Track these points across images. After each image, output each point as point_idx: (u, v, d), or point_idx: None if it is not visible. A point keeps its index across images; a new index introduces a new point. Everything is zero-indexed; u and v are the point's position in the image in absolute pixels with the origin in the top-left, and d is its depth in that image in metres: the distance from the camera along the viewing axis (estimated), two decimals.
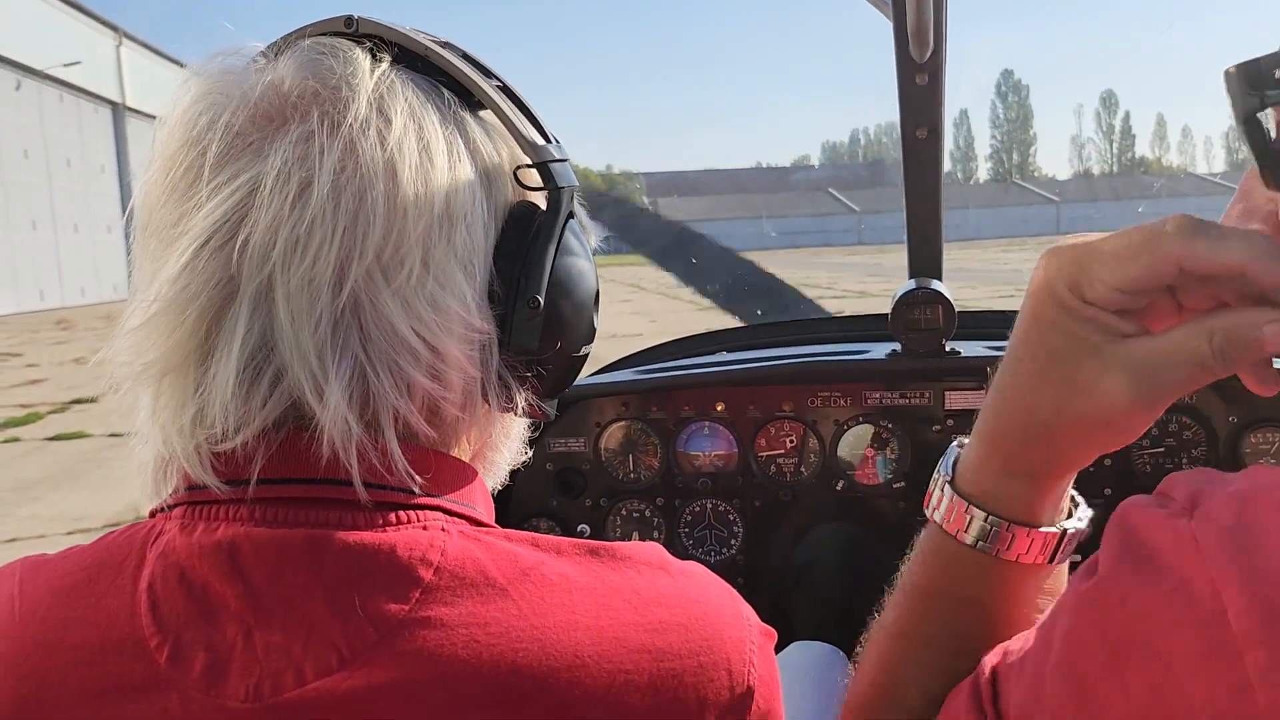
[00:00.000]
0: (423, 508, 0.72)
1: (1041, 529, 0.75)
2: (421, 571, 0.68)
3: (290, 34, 0.78)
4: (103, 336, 0.75)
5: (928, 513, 0.82)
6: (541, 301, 0.77)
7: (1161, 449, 1.78)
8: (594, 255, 0.86)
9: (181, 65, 0.77)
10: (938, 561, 0.80)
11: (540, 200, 0.80)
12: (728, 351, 2.16)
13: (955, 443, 0.83)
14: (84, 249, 36.42)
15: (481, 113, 0.81)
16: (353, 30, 0.77)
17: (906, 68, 1.60)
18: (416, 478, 0.72)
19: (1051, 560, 0.76)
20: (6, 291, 31.03)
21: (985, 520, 0.76)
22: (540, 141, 0.80)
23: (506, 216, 0.78)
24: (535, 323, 0.77)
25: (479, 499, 0.79)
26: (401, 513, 0.71)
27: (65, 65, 33.24)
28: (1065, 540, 0.76)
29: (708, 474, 1.91)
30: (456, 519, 0.74)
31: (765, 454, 1.90)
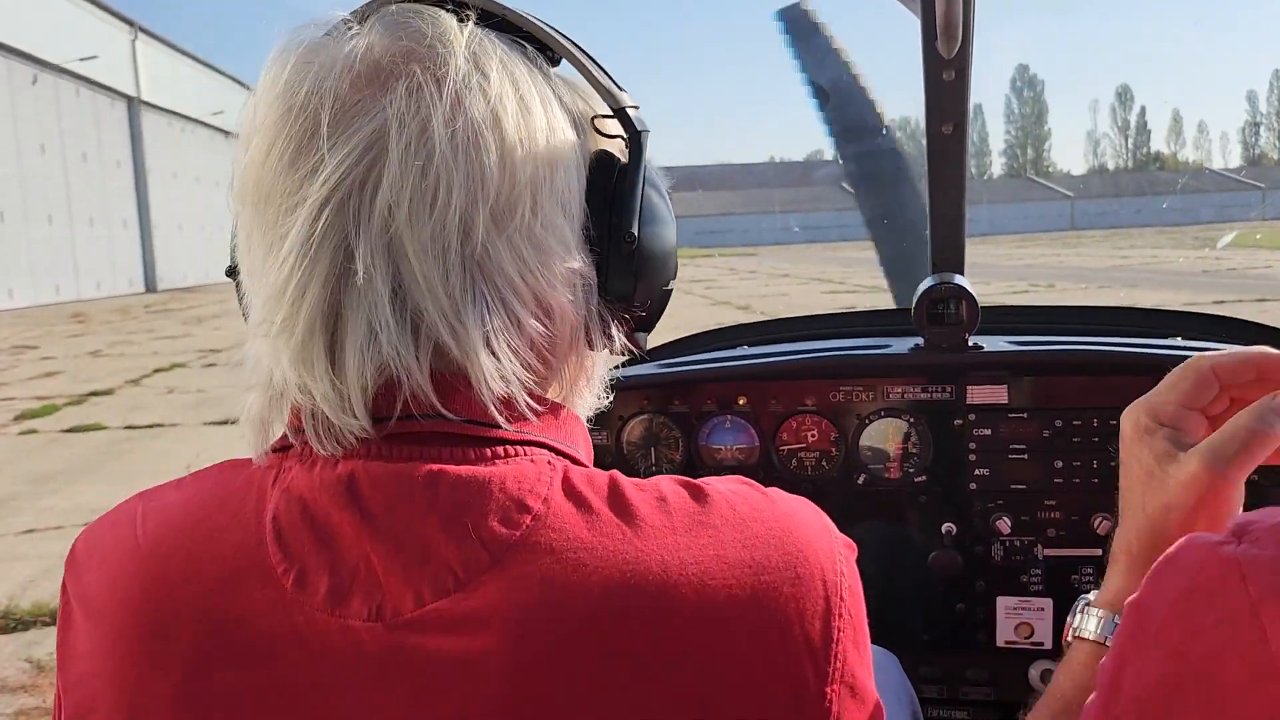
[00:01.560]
0: (531, 444, 0.75)
1: None
2: (531, 500, 0.71)
3: (369, 4, 0.80)
4: (117, 330, 0.76)
5: (1076, 634, 0.89)
6: (637, 237, 0.80)
7: None
8: None
9: (197, 59, 0.77)
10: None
11: (615, 149, 0.83)
12: (749, 345, 2.17)
13: (1080, 600, 0.92)
14: (100, 243, 36.61)
15: (554, 70, 0.83)
16: None
17: (934, 63, 1.60)
18: (535, 408, 0.75)
19: None
20: (23, 285, 31.23)
21: None
22: (616, 90, 0.83)
23: (592, 161, 0.82)
24: (631, 259, 0.81)
25: (580, 441, 0.82)
26: (511, 448, 0.74)
27: (82, 59, 33.42)
28: None
29: (729, 467, 1.91)
30: (560, 457, 0.76)
31: (787, 448, 1.90)
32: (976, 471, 1.84)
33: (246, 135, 0.76)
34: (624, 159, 0.83)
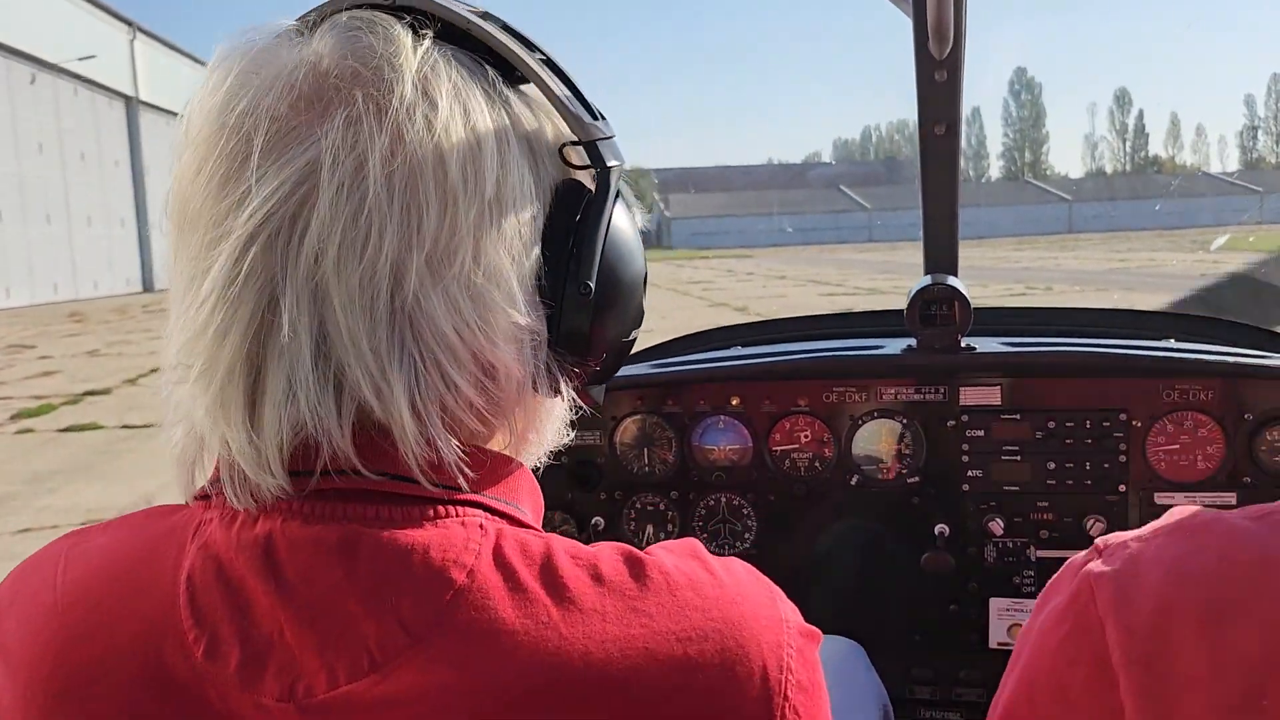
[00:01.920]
0: (464, 504, 0.70)
1: None
2: (454, 573, 0.65)
3: (324, 6, 0.74)
4: (115, 329, 0.73)
5: None
6: (593, 287, 0.73)
7: (1177, 446, 1.78)
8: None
9: (195, 59, 0.74)
10: None
11: (586, 178, 0.76)
12: (742, 346, 2.17)
13: None
14: (97, 242, 36.57)
15: (525, 87, 0.76)
16: (390, 3, 0.72)
17: (926, 64, 1.61)
18: (466, 474, 0.69)
19: None
20: (21, 284, 31.19)
21: None
22: (587, 118, 0.75)
23: (553, 197, 0.74)
24: (586, 309, 0.73)
25: (524, 497, 0.76)
26: (441, 508, 0.69)
27: (80, 59, 33.37)
28: None
29: (722, 468, 1.91)
30: (497, 518, 0.71)
31: (780, 448, 1.90)
32: (969, 473, 1.84)
33: (180, 145, 0.71)
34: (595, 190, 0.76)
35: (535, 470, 0.82)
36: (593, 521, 1.93)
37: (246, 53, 0.70)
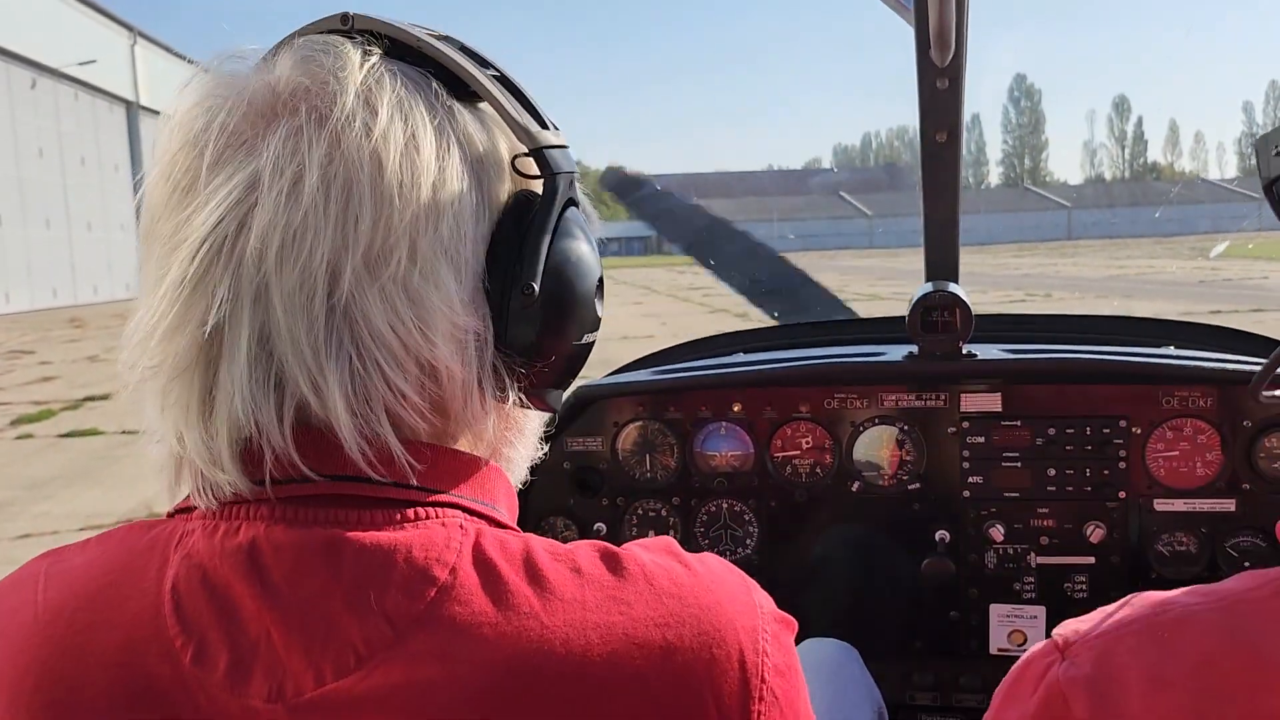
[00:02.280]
0: (442, 505, 0.72)
1: None
2: (437, 571, 0.68)
3: (291, 34, 0.79)
4: (115, 334, 0.74)
5: None
6: (537, 289, 0.74)
7: (1177, 453, 1.78)
8: (604, 254, 0.84)
9: (196, 64, 0.77)
10: None
11: (540, 188, 0.78)
12: (744, 352, 2.17)
13: None
14: (97, 247, 36.58)
15: (479, 104, 0.79)
16: (348, 27, 0.77)
17: (927, 72, 1.61)
18: (417, 467, 0.71)
19: None
20: (20, 288, 31.19)
21: None
22: (535, 128, 0.77)
23: (505, 207, 0.77)
24: (532, 312, 0.75)
25: (500, 498, 0.79)
26: (420, 509, 0.71)
27: (80, 64, 33.40)
28: None
29: (724, 474, 1.92)
30: (475, 518, 0.73)
31: (781, 455, 1.91)
32: (970, 479, 1.84)
33: (152, 161, 0.75)
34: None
35: (531, 479, 0.83)
36: (595, 527, 1.93)
37: (214, 77, 0.75)
